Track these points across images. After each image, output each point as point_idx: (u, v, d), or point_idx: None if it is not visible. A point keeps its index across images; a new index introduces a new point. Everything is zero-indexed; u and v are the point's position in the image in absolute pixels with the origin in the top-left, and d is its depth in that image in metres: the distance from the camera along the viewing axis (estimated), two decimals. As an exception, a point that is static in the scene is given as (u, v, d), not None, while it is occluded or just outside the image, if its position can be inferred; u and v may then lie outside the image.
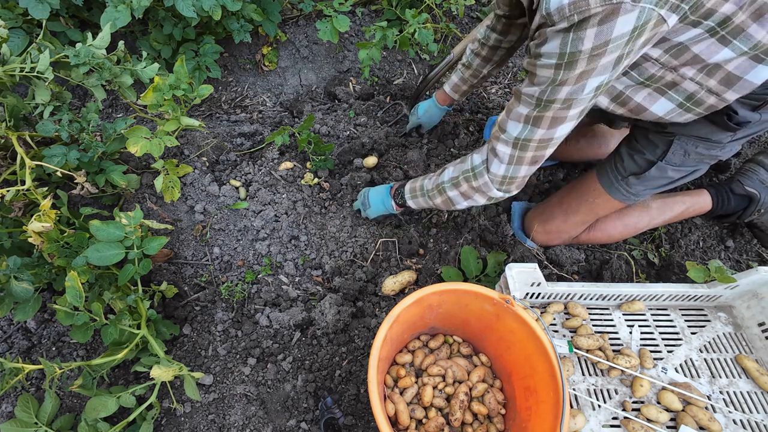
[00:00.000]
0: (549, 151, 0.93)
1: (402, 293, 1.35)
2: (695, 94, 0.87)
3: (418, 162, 1.56)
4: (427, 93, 1.82)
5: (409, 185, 1.26)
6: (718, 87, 0.84)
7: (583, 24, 0.66)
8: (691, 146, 1.02)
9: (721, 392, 1.07)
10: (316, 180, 1.53)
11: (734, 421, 1.03)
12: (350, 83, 1.95)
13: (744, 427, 1.02)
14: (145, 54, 1.35)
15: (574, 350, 1.11)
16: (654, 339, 1.16)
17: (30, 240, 1.03)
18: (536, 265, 1.08)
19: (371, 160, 1.59)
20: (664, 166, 1.07)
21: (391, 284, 1.32)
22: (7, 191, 1.09)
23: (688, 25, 0.75)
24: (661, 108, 0.94)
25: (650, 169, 1.08)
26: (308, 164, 1.58)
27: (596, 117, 1.32)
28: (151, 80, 1.21)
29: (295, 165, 1.56)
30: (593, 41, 0.67)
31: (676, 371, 1.11)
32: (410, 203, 1.25)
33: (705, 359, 1.13)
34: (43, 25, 1.26)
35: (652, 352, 1.13)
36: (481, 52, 1.30)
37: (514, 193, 1.06)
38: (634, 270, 1.37)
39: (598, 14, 0.64)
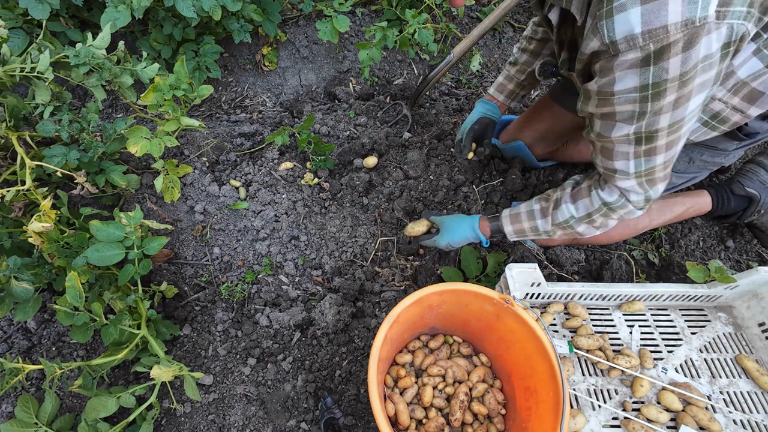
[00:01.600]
0: (674, 161, 0.87)
1: (427, 233, 1.30)
2: (720, 113, 0.87)
3: (418, 162, 1.56)
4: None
5: (511, 227, 1.15)
6: (741, 104, 0.84)
7: (664, 53, 0.60)
8: (696, 154, 1.02)
9: (721, 392, 1.07)
10: (316, 180, 1.53)
11: (734, 421, 1.03)
12: (350, 83, 1.95)
13: (744, 428, 1.02)
14: (145, 54, 1.35)
15: (574, 350, 1.11)
16: (654, 339, 1.16)
17: (30, 240, 1.03)
18: (536, 265, 1.08)
19: (371, 160, 1.59)
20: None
21: (411, 228, 1.30)
22: (8, 191, 1.09)
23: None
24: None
25: None
26: (308, 164, 1.58)
27: None
28: (151, 80, 1.21)
29: (295, 165, 1.56)
30: (680, 68, 0.61)
31: (676, 371, 1.11)
32: (513, 239, 1.18)
33: (705, 359, 1.13)
34: (43, 25, 1.26)
35: (652, 352, 1.13)
36: (529, 47, 1.24)
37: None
38: (634, 270, 1.37)
39: (679, 41, 0.58)
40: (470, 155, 1.40)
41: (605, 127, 0.79)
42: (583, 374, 1.10)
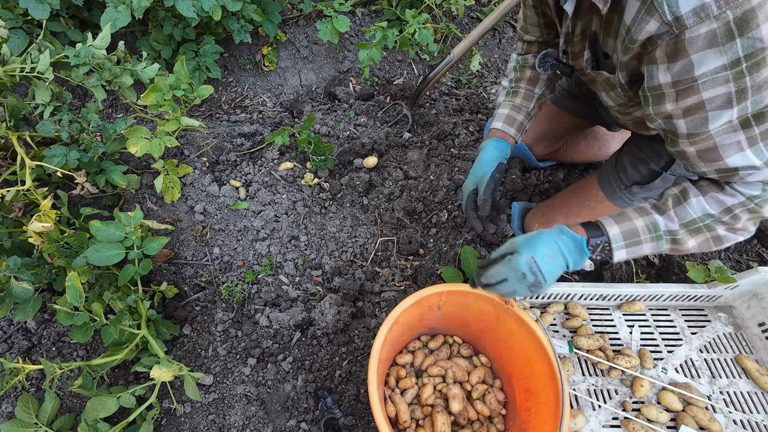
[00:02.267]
0: None
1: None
2: None
3: (418, 162, 1.56)
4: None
5: (617, 228, 0.82)
6: None
7: (749, 20, 0.51)
8: None
9: (721, 392, 1.07)
10: (316, 180, 1.53)
11: (734, 421, 1.03)
12: (350, 83, 1.95)
13: (744, 428, 1.02)
14: (145, 54, 1.35)
15: (574, 350, 1.11)
16: (654, 339, 1.16)
17: (30, 240, 1.03)
18: (536, 265, 1.08)
19: (371, 161, 1.59)
20: (669, 177, 1.04)
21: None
22: (7, 191, 1.09)
23: None
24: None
25: (655, 180, 1.06)
26: (308, 164, 1.58)
27: (596, 119, 1.31)
28: (151, 80, 1.21)
29: (295, 165, 1.56)
30: None
31: (676, 371, 1.11)
32: (620, 253, 0.82)
33: (705, 359, 1.13)
34: (43, 25, 1.26)
35: (652, 352, 1.13)
36: (524, 75, 1.10)
37: None
38: (634, 270, 1.37)
39: (765, 2, 0.50)
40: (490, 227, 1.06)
41: (695, 123, 0.66)
42: (583, 374, 1.10)
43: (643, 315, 1.20)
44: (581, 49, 0.83)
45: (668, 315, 1.21)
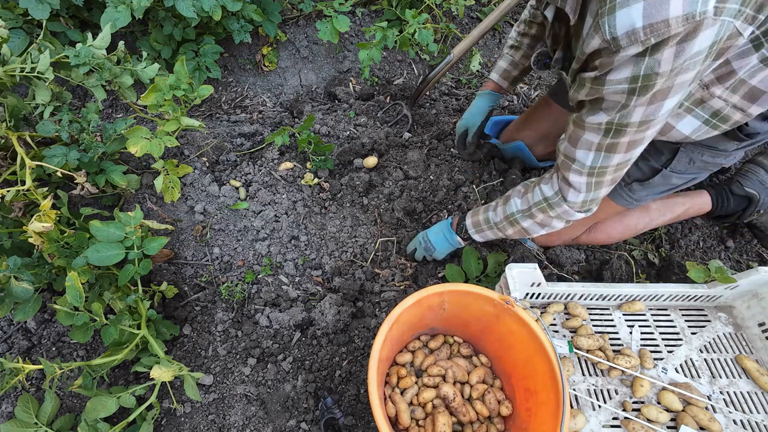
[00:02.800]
0: (627, 168, 0.88)
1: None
2: (720, 111, 0.86)
3: (418, 162, 1.56)
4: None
5: (470, 220, 1.20)
6: (742, 102, 0.83)
7: (661, 46, 0.60)
8: (696, 154, 1.01)
9: (721, 392, 1.07)
10: (316, 180, 1.53)
11: (734, 421, 1.03)
12: (350, 83, 1.95)
13: (744, 428, 1.02)
14: (145, 54, 1.35)
15: (574, 350, 1.11)
16: (654, 339, 1.16)
17: (30, 240, 1.03)
18: (536, 265, 1.08)
19: (371, 161, 1.59)
20: (669, 174, 1.06)
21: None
22: (7, 191, 1.09)
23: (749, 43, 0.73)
24: (687, 126, 0.92)
25: (655, 176, 1.07)
26: (308, 164, 1.58)
27: None
28: (151, 80, 1.21)
29: (295, 165, 1.56)
30: (672, 63, 0.61)
31: (677, 371, 1.11)
32: (476, 237, 1.20)
33: (705, 359, 1.13)
34: (44, 25, 1.26)
35: (652, 352, 1.13)
36: (530, 31, 1.23)
37: (595, 210, 1.00)
38: (634, 270, 1.37)
39: (679, 34, 0.58)
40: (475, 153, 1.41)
41: (588, 112, 0.79)
42: (583, 374, 1.10)
43: (643, 315, 1.20)
44: (557, 49, 0.91)
45: (668, 315, 1.21)
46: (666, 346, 1.15)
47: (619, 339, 1.16)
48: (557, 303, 1.19)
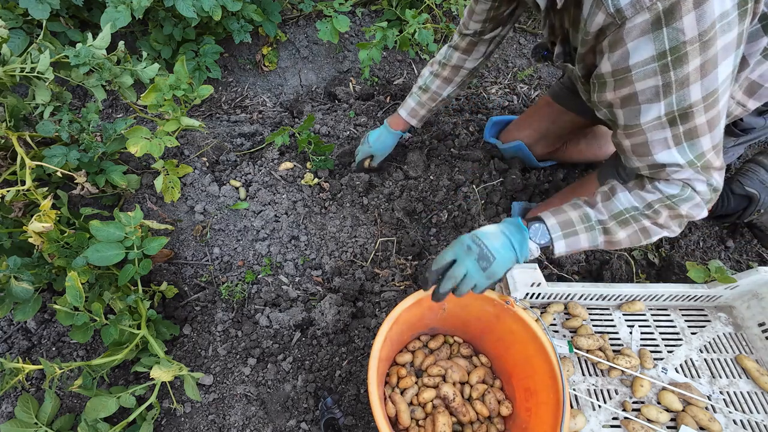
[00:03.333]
0: (722, 129, 0.74)
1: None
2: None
3: (418, 162, 1.56)
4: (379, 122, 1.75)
5: (554, 219, 0.86)
6: (743, 97, 0.81)
7: (675, 11, 0.56)
8: None
9: (721, 392, 1.07)
10: (315, 180, 1.53)
11: (734, 421, 1.03)
12: (350, 83, 1.95)
13: (744, 428, 1.02)
14: (145, 54, 1.35)
15: (574, 350, 1.11)
16: (654, 339, 1.16)
17: (30, 240, 1.03)
18: (536, 265, 1.08)
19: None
20: None
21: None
22: (7, 191, 1.09)
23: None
24: None
25: None
26: (308, 164, 1.58)
27: (597, 117, 1.31)
28: (151, 80, 1.21)
29: (295, 165, 1.56)
30: (697, 27, 0.56)
31: (676, 371, 1.11)
32: (559, 244, 0.86)
33: (705, 359, 1.13)
34: (44, 25, 1.26)
35: (652, 352, 1.13)
36: (442, 72, 1.24)
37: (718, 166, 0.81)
38: (634, 270, 1.37)
39: None
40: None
41: (630, 114, 0.71)
42: (583, 374, 1.10)
43: (643, 315, 1.20)
44: (555, 42, 0.87)
45: (668, 315, 1.21)
46: (666, 346, 1.15)
47: (619, 339, 1.16)
48: (557, 303, 1.19)
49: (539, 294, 1.16)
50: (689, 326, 1.19)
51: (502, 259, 0.82)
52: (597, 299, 1.19)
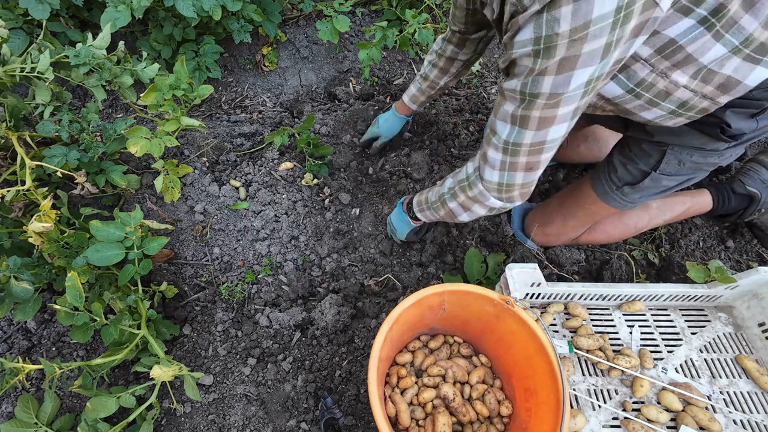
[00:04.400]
0: (546, 157, 0.85)
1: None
2: (688, 101, 0.83)
3: (422, 165, 1.56)
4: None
5: (416, 198, 1.21)
6: (714, 92, 0.80)
7: (557, 1, 0.59)
8: (685, 155, 0.98)
9: (721, 392, 1.07)
10: (315, 181, 1.53)
11: (734, 421, 1.03)
12: (350, 83, 1.95)
13: (744, 428, 1.02)
14: (145, 54, 1.35)
15: (574, 350, 1.11)
16: (654, 339, 1.16)
17: (30, 240, 1.03)
18: (536, 265, 1.08)
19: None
20: (659, 176, 1.04)
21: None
22: (7, 191, 1.09)
23: (679, 13, 0.70)
24: (651, 114, 0.89)
25: (644, 179, 1.05)
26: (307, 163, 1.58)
27: (587, 116, 1.30)
28: (152, 80, 1.21)
29: (295, 165, 1.56)
30: (571, 22, 0.59)
31: (676, 371, 1.11)
32: (420, 216, 1.21)
33: (705, 359, 1.13)
34: (44, 25, 1.26)
35: (652, 352, 1.13)
36: (438, 63, 1.28)
37: (519, 203, 0.97)
38: (634, 270, 1.36)
39: None
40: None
41: (505, 78, 0.77)
42: (583, 374, 1.10)
43: (643, 315, 1.20)
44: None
45: (668, 315, 1.21)
46: (666, 346, 1.15)
47: (619, 339, 1.16)
48: (557, 303, 1.19)
49: (539, 294, 1.16)
50: (689, 326, 1.19)
51: (399, 229, 1.33)
52: (597, 299, 1.19)
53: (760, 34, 0.70)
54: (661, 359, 1.13)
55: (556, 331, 1.17)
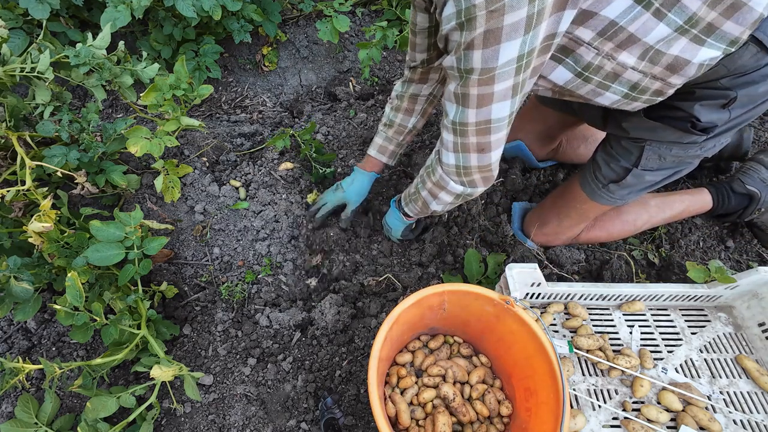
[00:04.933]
0: (496, 138, 0.84)
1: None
2: (639, 83, 0.82)
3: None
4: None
5: (403, 193, 1.23)
6: (663, 73, 0.79)
7: None
8: (665, 150, 0.98)
9: (721, 392, 1.07)
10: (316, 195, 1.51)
11: (734, 421, 1.03)
12: (350, 83, 1.95)
13: (744, 428, 1.02)
14: (145, 54, 1.35)
15: (574, 350, 1.11)
16: (654, 339, 1.16)
17: (30, 240, 1.03)
18: (536, 265, 1.08)
19: None
20: (641, 172, 1.04)
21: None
22: (7, 191, 1.09)
23: None
24: (606, 99, 0.88)
25: (627, 176, 1.06)
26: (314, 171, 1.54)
27: (577, 113, 1.30)
28: (152, 80, 1.21)
29: (295, 166, 1.56)
30: None
31: (676, 371, 1.11)
32: (406, 211, 1.22)
33: (705, 359, 1.13)
34: (44, 25, 1.26)
35: (652, 352, 1.13)
36: (401, 104, 1.22)
37: (481, 189, 0.98)
38: (634, 270, 1.37)
39: None
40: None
41: (444, 57, 0.78)
42: (583, 374, 1.10)
43: (643, 315, 1.20)
44: None
45: (668, 315, 1.21)
46: (666, 346, 1.15)
47: (619, 339, 1.16)
48: (557, 303, 1.19)
49: (539, 294, 1.16)
50: (689, 326, 1.19)
51: (394, 227, 1.34)
52: (597, 299, 1.19)
53: (706, 14, 0.69)
54: (661, 359, 1.13)
55: (556, 331, 1.17)
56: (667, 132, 0.94)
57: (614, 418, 1.04)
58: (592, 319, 1.19)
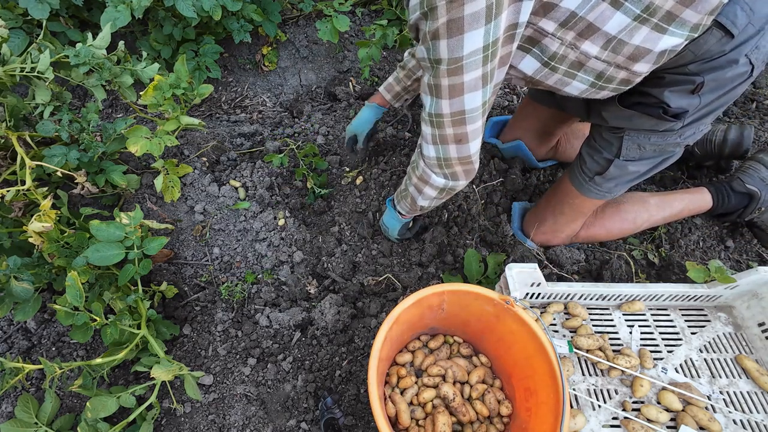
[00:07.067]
0: (472, 128, 0.85)
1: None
2: (604, 72, 0.83)
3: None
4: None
5: (396, 191, 1.23)
6: (626, 62, 0.80)
7: None
8: (643, 139, 0.99)
9: (721, 392, 1.07)
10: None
11: (734, 421, 1.03)
12: (350, 83, 1.95)
13: (744, 428, 1.02)
14: (145, 54, 1.35)
15: (574, 350, 1.11)
16: (654, 339, 1.16)
17: (30, 240, 1.03)
18: (536, 265, 1.08)
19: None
20: (623, 163, 1.05)
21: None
22: (7, 191, 1.09)
23: None
24: (574, 89, 0.90)
25: (610, 167, 1.07)
26: (309, 184, 1.55)
27: (568, 108, 1.30)
28: (151, 80, 1.21)
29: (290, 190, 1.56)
30: None
31: (676, 371, 1.11)
32: (399, 209, 1.23)
33: (705, 359, 1.13)
34: (43, 25, 1.26)
35: (652, 352, 1.13)
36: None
37: (463, 182, 0.99)
38: (634, 270, 1.36)
39: None
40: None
41: (418, 46, 0.80)
42: (583, 374, 1.10)
43: (643, 315, 1.20)
44: None
45: (668, 315, 1.21)
46: (666, 346, 1.15)
47: (619, 339, 1.16)
48: (557, 303, 1.19)
49: (539, 294, 1.16)
50: (689, 326, 1.19)
51: (391, 226, 1.34)
52: (597, 299, 1.19)
53: (664, 3, 0.70)
54: (661, 359, 1.13)
55: (556, 331, 1.17)
56: (642, 120, 0.95)
57: (614, 418, 1.03)
58: (592, 319, 1.19)
